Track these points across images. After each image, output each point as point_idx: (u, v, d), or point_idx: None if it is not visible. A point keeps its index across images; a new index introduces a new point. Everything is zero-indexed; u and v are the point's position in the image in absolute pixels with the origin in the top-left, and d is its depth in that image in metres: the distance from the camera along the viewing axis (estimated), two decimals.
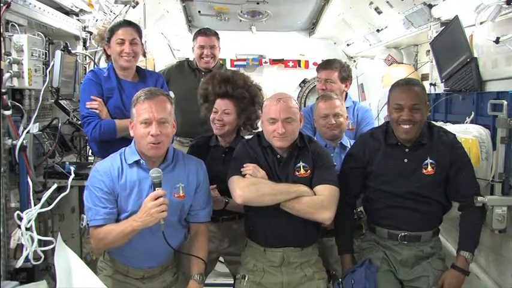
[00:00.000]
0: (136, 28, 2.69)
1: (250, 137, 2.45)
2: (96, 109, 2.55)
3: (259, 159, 2.26)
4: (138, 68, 2.78)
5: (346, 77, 3.14)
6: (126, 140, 2.24)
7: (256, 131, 2.51)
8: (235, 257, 2.53)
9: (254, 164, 2.22)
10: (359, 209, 2.56)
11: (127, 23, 2.68)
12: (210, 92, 2.56)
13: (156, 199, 1.99)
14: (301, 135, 2.31)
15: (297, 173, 2.24)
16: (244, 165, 2.22)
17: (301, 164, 2.24)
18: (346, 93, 3.20)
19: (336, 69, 3.11)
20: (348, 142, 2.79)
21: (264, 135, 2.29)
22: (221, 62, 4.31)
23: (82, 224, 2.64)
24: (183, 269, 2.34)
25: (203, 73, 3.42)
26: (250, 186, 2.16)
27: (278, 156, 2.27)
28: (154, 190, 2.02)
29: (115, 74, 2.66)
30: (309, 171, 2.24)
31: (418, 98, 2.24)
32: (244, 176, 2.20)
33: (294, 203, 2.16)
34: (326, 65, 3.16)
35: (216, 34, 3.47)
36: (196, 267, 2.21)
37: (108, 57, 2.77)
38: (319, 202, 2.16)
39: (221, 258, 2.75)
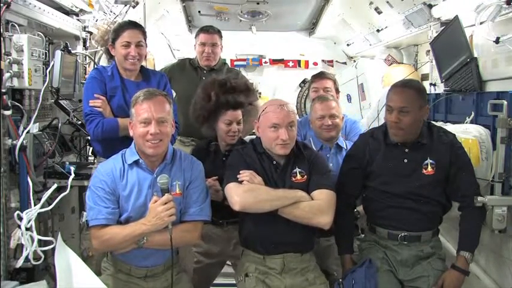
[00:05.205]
0: (142, 30, 2.66)
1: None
2: (99, 107, 2.53)
3: (255, 166, 2.24)
4: (141, 67, 2.75)
5: (338, 88, 3.29)
6: (131, 140, 2.22)
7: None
8: None
9: (251, 171, 2.20)
10: (355, 210, 2.56)
11: (133, 25, 2.64)
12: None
13: (165, 204, 2.01)
14: (296, 141, 2.30)
15: (293, 179, 2.23)
16: (241, 172, 2.20)
17: (297, 169, 2.24)
18: None
19: (331, 80, 3.25)
20: (343, 143, 2.80)
21: (264, 142, 2.27)
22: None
23: (82, 220, 2.63)
24: (184, 267, 2.34)
25: (205, 71, 3.41)
26: (247, 193, 2.14)
27: (274, 162, 2.26)
28: (163, 195, 2.03)
29: (118, 74, 2.64)
30: (305, 176, 2.24)
31: (407, 100, 2.22)
32: (241, 182, 2.18)
33: (293, 209, 2.15)
34: (322, 75, 3.29)
35: (219, 32, 3.43)
36: None
37: (111, 57, 2.75)
38: (317, 207, 2.16)
39: (228, 262, 2.76)
